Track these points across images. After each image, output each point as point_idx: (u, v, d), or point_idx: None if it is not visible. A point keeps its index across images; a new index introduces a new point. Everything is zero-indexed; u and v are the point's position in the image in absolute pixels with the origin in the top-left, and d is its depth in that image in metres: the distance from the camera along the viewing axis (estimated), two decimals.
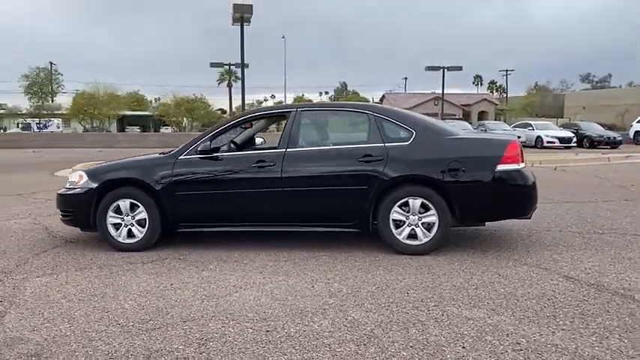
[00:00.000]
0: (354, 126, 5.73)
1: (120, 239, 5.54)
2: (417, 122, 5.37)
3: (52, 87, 60.37)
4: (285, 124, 5.49)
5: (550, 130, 29.16)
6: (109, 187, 5.55)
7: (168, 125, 49.63)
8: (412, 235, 5.16)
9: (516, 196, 5.21)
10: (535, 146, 28.10)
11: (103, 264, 5.09)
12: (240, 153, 5.56)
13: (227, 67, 28.89)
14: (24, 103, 57.99)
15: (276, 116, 5.85)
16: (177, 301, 3.99)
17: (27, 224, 7.14)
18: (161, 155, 5.73)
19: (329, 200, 5.27)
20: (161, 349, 3.15)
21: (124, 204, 5.51)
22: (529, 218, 5.53)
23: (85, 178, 5.66)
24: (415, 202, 5.12)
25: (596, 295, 4.00)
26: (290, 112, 5.55)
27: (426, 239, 5.14)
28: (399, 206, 5.15)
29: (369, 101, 59.84)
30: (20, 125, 48.24)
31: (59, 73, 60.44)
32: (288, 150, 5.34)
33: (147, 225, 5.48)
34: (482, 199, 5.16)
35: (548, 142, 27.82)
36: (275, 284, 4.37)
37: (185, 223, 5.52)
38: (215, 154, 5.46)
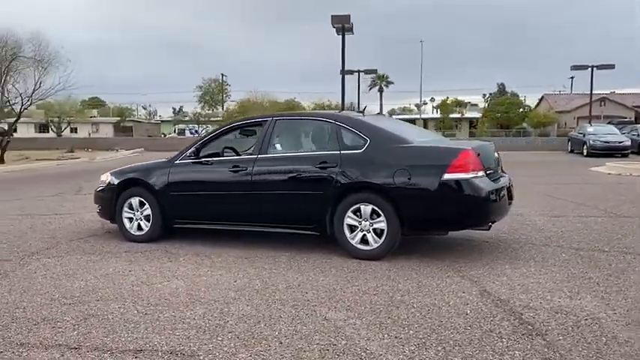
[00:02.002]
0: (320, 134, 5.97)
1: (132, 231, 6.46)
2: (373, 130, 5.49)
3: (222, 96, 66.33)
4: (261, 132, 5.97)
5: None
6: (124, 186, 6.51)
7: None
8: (364, 241, 5.31)
9: (465, 207, 5.08)
10: None
11: (106, 251, 6.02)
12: (222, 158, 6.13)
13: (357, 73, 29.45)
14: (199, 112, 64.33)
15: (256, 125, 6.30)
16: (115, 284, 4.70)
17: (96, 216, 8.44)
18: (164, 160, 6.55)
19: (291, 203, 5.63)
20: (51, 319, 3.86)
21: (135, 201, 6.42)
22: (487, 230, 5.34)
23: (110, 178, 6.69)
24: (366, 209, 5.27)
25: (486, 309, 3.89)
26: (266, 121, 6.01)
27: (376, 245, 5.26)
28: (353, 212, 5.33)
29: (522, 103, 56.35)
30: (177, 131, 54.39)
31: (228, 84, 66.36)
32: (259, 156, 5.81)
33: (151, 220, 6.32)
34: (428, 208, 5.14)
35: None
36: (208, 277, 4.88)
37: (179, 220, 6.25)
38: (203, 159, 6.12)
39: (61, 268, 5.28)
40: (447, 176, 5.00)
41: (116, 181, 6.59)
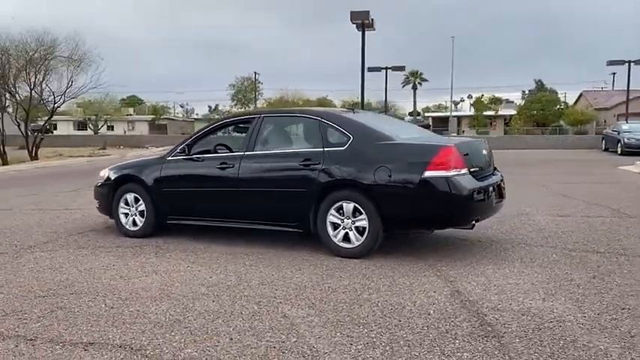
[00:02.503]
0: (306, 131, 5.92)
1: (127, 227, 6.55)
2: (357, 127, 5.42)
3: (255, 94, 66.90)
4: (249, 129, 5.97)
5: None
6: (120, 182, 6.61)
7: None
8: (347, 239, 5.26)
9: (445, 205, 4.97)
10: None
11: (99, 245, 6.13)
12: (211, 155, 6.16)
13: (384, 70, 29.19)
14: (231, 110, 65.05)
15: (245, 122, 6.27)
16: (94, 278, 4.77)
17: None
18: (158, 156, 6.62)
19: (276, 201, 5.62)
20: (20, 310, 3.94)
21: (130, 197, 6.52)
22: (470, 229, 5.21)
23: (108, 174, 6.81)
24: (348, 206, 5.21)
25: (451, 310, 3.80)
26: (254, 118, 6.02)
27: (358, 243, 5.20)
28: (335, 209, 5.28)
29: (559, 100, 54.93)
30: None
31: (260, 82, 66.87)
32: (246, 153, 5.82)
33: (145, 216, 6.40)
34: (409, 206, 5.05)
35: None
36: (186, 272, 4.91)
37: (171, 216, 6.31)
38: (194, 156, 6.16)
39: (50, 262, 5.40)
40: (427, 174, 4.90)
41: (113, 177, 6.70)
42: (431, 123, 60.64)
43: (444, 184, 4.88)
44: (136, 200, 6.48)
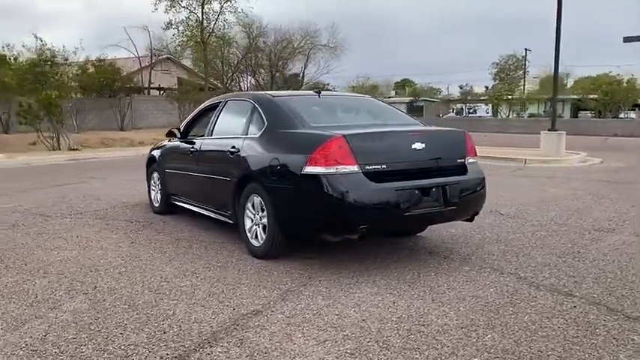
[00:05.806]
0: (243, 116, 5.26)
1: (154, 203, 7.06)
2: (274, 113, 4.82)
3: (524, 72, 62.16)
4: (213, 114, 5.82)
5: None
6: (150, 162, 7.16)
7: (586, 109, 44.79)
8: (257, 236, 4.81)
9: (321, 208, 4.10)
10: None
11: (112, 218, 6.62)
12: (190, 139, 6.12)
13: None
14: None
15: (216, 107, 5.91)
16: (27, 247, 5.22)
17: None
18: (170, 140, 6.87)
19: (214, 189, 5.42)
20: None
21: (155, 176, 7.02)
22: (358, 240, 4.19)
23: (148, 152, 7.41)
24: (257, 201, 4.74)
25: (188, 335, 3.24)
26: (220, 102, 5.83)
27: (262, 242, 4.70)
28: (251, 203, 4.84)
29: None
30: (454, 111, 54.68)
31: (527, 60, 61.75)
32: (205, 139, 5.73)
33: (161, 194, 6.83)
34: (291, 206, 4.37)
35: None
36: (102, 252, 5.03)
37: (174, 197, 6.54)
38: (187, 139, 6.23)
39: (39, 229, 6.04)
40: (306, 169, 4.12)
41: (148, 157, 7.28)
42: None
43: (319, 182, 4.03)
44: (157, 179, 6.93)
